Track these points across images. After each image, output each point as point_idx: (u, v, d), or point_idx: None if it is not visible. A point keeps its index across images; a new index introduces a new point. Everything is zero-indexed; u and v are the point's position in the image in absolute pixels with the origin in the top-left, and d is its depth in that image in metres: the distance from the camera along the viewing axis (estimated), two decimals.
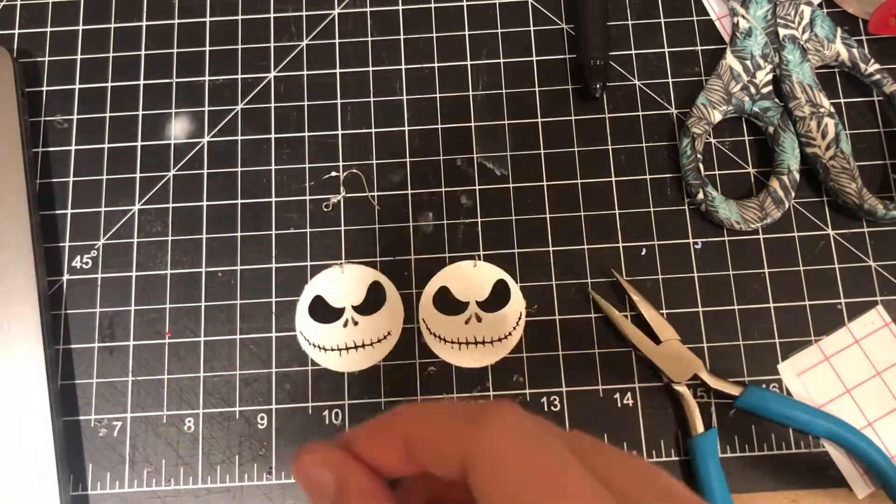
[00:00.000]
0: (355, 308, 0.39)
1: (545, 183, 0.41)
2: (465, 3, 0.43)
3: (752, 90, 0.40)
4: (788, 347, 0.38)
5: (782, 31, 0.41)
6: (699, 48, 0.42)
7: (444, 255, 0.40)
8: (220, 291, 0.40)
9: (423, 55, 0.43)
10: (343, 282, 0.39)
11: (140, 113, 0.42)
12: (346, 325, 0.39)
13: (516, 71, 0.42)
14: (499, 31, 0.43)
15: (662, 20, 0.43)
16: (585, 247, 0.40)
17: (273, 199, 0.41)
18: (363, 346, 0.38)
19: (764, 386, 0.37)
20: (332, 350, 0.38)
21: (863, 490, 0.36)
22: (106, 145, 0.42)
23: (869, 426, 0.37)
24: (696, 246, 0.40)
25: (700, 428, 0.36)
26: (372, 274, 0.39)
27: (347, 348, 0.38)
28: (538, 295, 0.39)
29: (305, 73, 0.42)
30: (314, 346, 0.38)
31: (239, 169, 0.41)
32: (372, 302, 0.39)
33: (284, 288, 0.39)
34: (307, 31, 0.43)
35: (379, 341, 0.38)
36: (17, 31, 0.43)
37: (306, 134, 0.42)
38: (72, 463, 0.38)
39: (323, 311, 0.39)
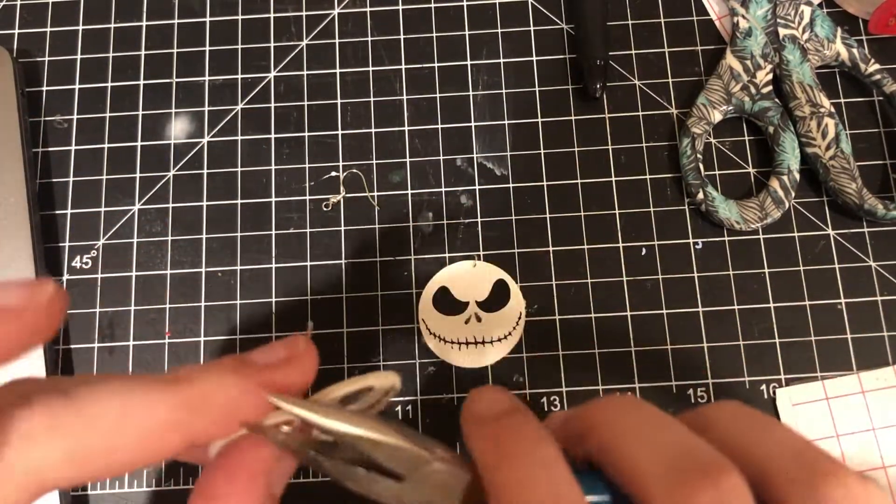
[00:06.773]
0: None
1: (545, 183, 0.41)
2: (465, 3, 0.43)
3: (753, 90, 0.40)
4: (788, 348, 0.38)
5: (782, 31, 0.41)
6: (699, 48, 0.42)
7: (444, 255, 0.40)
8: (220, 291, 0.40)
9: (423, 55, 0.43)
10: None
11: (140, 113, 0.42)
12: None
13: (516, 71, 0.42)
14: (499, 30, 0.43)
15: (662, 20, 0.43)
16: (585, 247, 0.40)
17: (273, 199, 0.41)
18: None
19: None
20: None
21: None
22: (106, 145, 0.42)
23: None
24: (696, 246, 0.40)
25: None
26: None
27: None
28: (538, 295, 0.39)
29: (305, 72, 0.42)
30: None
31: (239, 169, 0.41)
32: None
33: (284, 288, 0.39)
34: (307, 30, 0.43)
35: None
36: (16, 31, 0.43)
37: (306, 134, 0.42)
38: None
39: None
